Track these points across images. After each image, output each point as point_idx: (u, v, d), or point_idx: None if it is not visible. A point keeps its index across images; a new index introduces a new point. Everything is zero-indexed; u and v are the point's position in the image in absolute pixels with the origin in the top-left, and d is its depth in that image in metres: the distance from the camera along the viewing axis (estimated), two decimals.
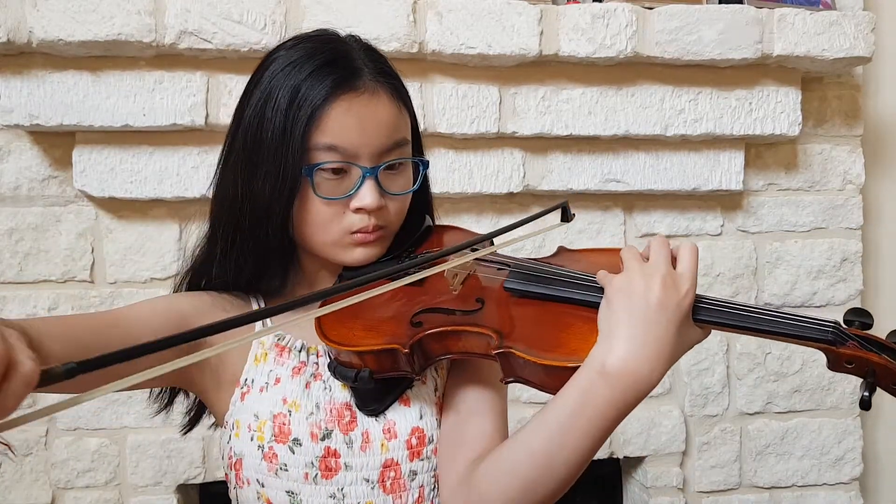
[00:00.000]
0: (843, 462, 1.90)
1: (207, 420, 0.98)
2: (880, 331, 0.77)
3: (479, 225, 1.73)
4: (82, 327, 0.76)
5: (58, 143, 1.62)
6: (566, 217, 0.94)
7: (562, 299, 0.79)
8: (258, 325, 0.87)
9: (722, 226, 1.85)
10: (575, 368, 0.72)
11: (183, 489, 1.69)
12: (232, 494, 0.89)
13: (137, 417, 1.65)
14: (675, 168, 1.77)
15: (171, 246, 1.65)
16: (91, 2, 1.47)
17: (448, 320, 0.80)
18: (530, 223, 0.87)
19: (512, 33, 1.59)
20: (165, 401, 0.95)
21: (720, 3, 1.75)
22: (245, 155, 0.83)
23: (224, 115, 1.57)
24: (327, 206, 0.83)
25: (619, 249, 0.85)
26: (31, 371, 0.49)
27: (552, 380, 0.74)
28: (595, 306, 0.77)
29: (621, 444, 1.82)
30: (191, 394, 0.95)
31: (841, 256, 1.89)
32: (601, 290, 0.77)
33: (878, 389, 0.73)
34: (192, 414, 0.97)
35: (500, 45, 1.59)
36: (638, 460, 1.87)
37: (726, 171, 1.79)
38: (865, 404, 0.70)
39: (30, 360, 0.49)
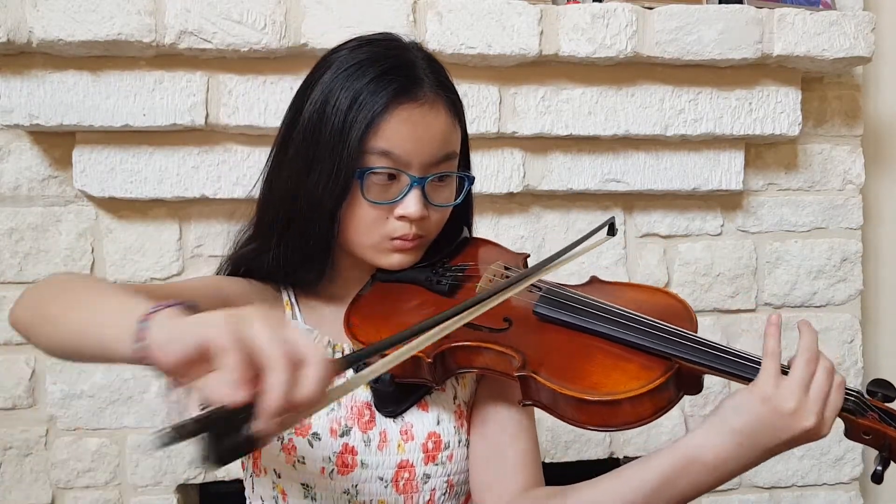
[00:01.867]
0: (843, 462, 1.90)
1: None
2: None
3: (479, 225, 1.71)
4: (185, 293, 0.79)
5: (58, 143, 1.62)
6: (612, 232, 0.95)
7: (588, 331, 0.80)
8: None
9: (722, 226, 1.85)
10: (593, 402, 0.72)
11: (183, 489, 1.69)
12: (247, 482, 0.90)
13: (137, 417, 1.65)
14: (675, 168, 1.77)
15: (171, 246, 1.65)
16: (91, 2, 1.47)
17: (474, 336, 0.80)
18: (578, 246, 0.88)
19: (512, 33, 1.59)
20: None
21: (720, 3, 1.75)
22: (303, 151, 0.85)
23: (224, 115, 1.57)
24: (373, 210, 0.84)
25: (651, 287, 0.88)
26: (325, 358, 0.54)
27: (568, 409, 0.74)
28: (622, 343, 0.77)
29: (621, 443, 1.82)
30: None
31: (841, 256, 1.89)
32: (635, 329, 0.77)
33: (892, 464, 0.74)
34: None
35: (500, 45, 1.59)
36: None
37: (726, 171, 1.79)
38: (878, 479, 0.71)
39: (316, 348, 0.54)
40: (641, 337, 0.77)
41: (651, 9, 1.66)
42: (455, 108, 0.88)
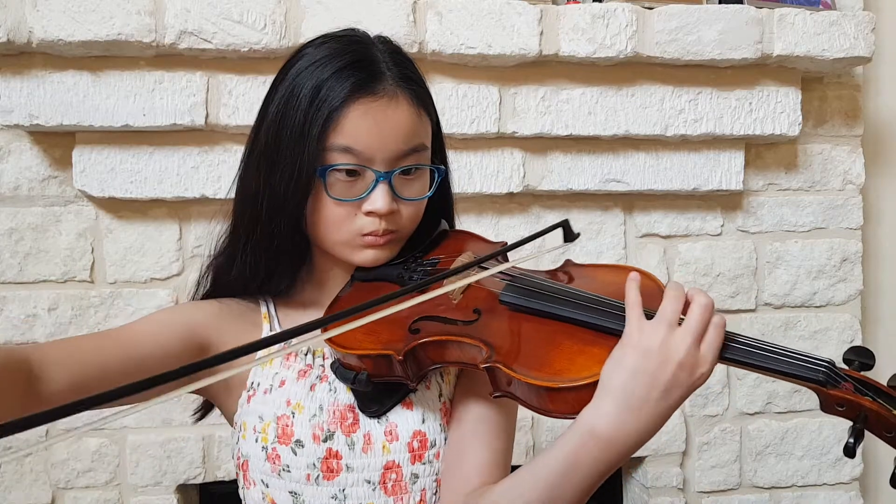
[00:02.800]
0: (843, 462, 1.90)
1: (212, 415, 0.99)
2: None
3: (479, 225, 1.73)
4: (86, 347, 0.76)
5: (58, 143, 1.62)
6: (569, 237, 0.90)
7: (555, 316, 0.78)
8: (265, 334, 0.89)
9: (722, 226, 1.85)
10: (558, 389, 0.71)
11: (183, 489, 1.69)
12: (241, 494, 0.90)
13: (137, 417, 1.65)
14: (675, 168, 1.77)
15: (171, 246, 1.65)
16: (91, 2, 1.47)
17: (444, 329, 0.79)
18: (533, 242, 0.85)
19: (512, 33, 1.59)
20: (201, 409, 0.98)
21: (720, 3, 1.75)
22: (266, 151, 0.84)
23: (224, 115, 1.57)
24: (339, 207, 0.83)
25: (627, 268, 0.84)
26: None
27: (537, 398, 0.73)
28: (588, 327, 0.75)
29: None
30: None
31: (841, 256, 1.89)
32: (601, 312, 0.75)
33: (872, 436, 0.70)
34: (201, 406, 0.99)
35: (500, 45, 1.59)
36: (638, 460, 1.87)
37: (726, 171, 1.79)
38: (849, 451, 0.66)
39: None
40: (607, 319, 0.75)
41: (651, 9, 1.66)
42: (420, 100, 0.86)
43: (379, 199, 0.82)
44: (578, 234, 0.89)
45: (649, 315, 0.72)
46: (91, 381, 0.73)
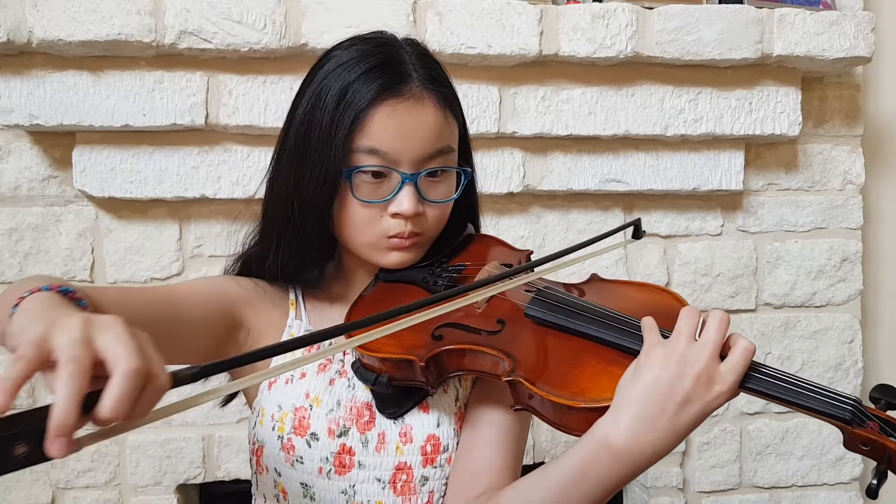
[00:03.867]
0: (843, 462, 1.90)
1: (212, 414, 0.99)
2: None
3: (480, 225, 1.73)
4: (140, 300, 0.79)
5: (58, 143, 1.62)
6: (637, 234, 0.92)
7: (580, 334, 0.78)
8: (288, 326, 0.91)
9: (722, 226, 1.85)
10: (580, 409, 0.71)
11: (183, 489, 1.69)
12: (253, 479, 0.91)
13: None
14: (675, 168, 1.77)
15: (171, 246, 1.65)
16: (91, 2, 1.47)
17: (467, 338, 0.79)
18: (594, 244, 0.86)
19: (512, 33, 1.59)
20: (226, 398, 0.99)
21: (720, 3, 1.75)
22: (295, 153, 0.85)
23: (224, 115, 1.57)
24: (365, 209, 0.84)
25: (653, 285, 0.85)
26: (166, 381, 0.51)
27: (557, 414, 0.73)
28: (613, 347, 0.75)
29: None
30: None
31: (841, 256, 1.89)
32: (626, 332, 0.75)
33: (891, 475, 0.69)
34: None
35: (500, 45, 1.59)
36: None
37: (726, 171, 1.79)
38: (872, 493, 0.65)
39: (163, 372, 0.51)
40: (631, 340, 0.75)
41: (651, 9, 1.66)
42: (447, 102, 0.86)
43: (405, 200, 0.82)
44: (644, 232, 0.89)
45: (666, 335, 0.71)
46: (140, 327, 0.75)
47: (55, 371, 0.47)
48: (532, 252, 0.96)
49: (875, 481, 0.65)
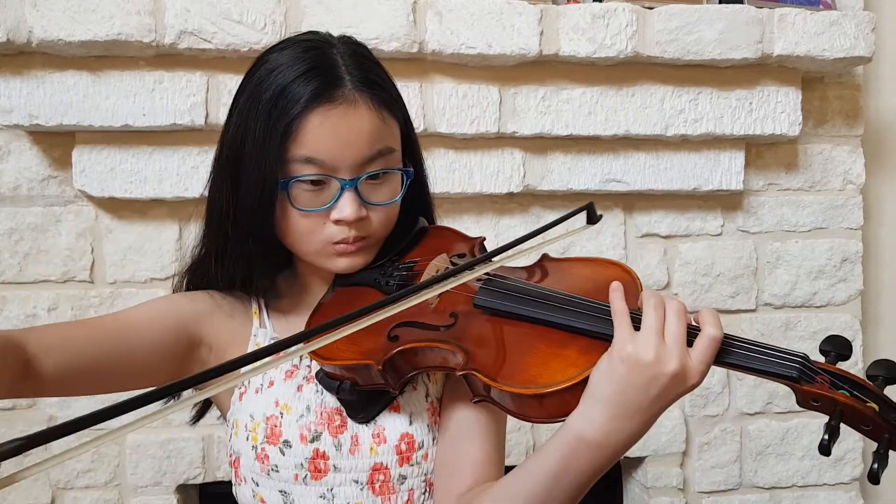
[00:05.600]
0: (843, 462, 1.90)
1: (212, 415, 0.99)
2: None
3: (479, 225, 1.73)
4: (81, 337, 0.77)
5: (58, 143, 1.62)
6: (592, 219, 0.89)
7: (529, 319, 0.76)
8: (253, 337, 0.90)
9: (722, 226, 1.85)
10: (533, 396, 0.70)
11: (183, 489, 1.69)
12: (234, 491, 0.90)
13: (137, 417, 1.64)
14: (675, 168, 1.77)
15: (171, 246, 1.65)
16: (91, 2, 1.47)
17: (423, 336, 0.78)
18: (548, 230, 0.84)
19: (512, 33, 1.59)
20: (199, 409, 0.97)
21: (720, 3, 1.75)
22: (230, 162, 0.83)
23: (224, 115, 1.56)
24: (306, 218, 0.82)
25: (602, 260, 0.83)
26: None
27: (514, 404, 0.72)
28: (562, 328, 0.74)
29: None
30: None
31: (841, 256, 1.89)
32: (574, 312, 0.74)
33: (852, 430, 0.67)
34: (198, 406, 0.99)
35: (500, 45, 1.59)
36: (638, 460, 1.87)
37: (726, 171, 1.78)
38: (824, 450, 0.64)
39: None
40: (579, 319, 0.73)
41: (651, 9, 1.66)
42: (384, 102, 0.83)
43: (346, 207, 0.81)
44: (601, 216, 0.87)
45: (635, 319, 0.70)
46: (83, 367, 0.75)
47: None
48: (484, 238, 0.94)
49: (826, 437, 0.64)
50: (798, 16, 1.69)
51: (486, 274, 0.83)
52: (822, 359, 0.72)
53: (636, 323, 0.70)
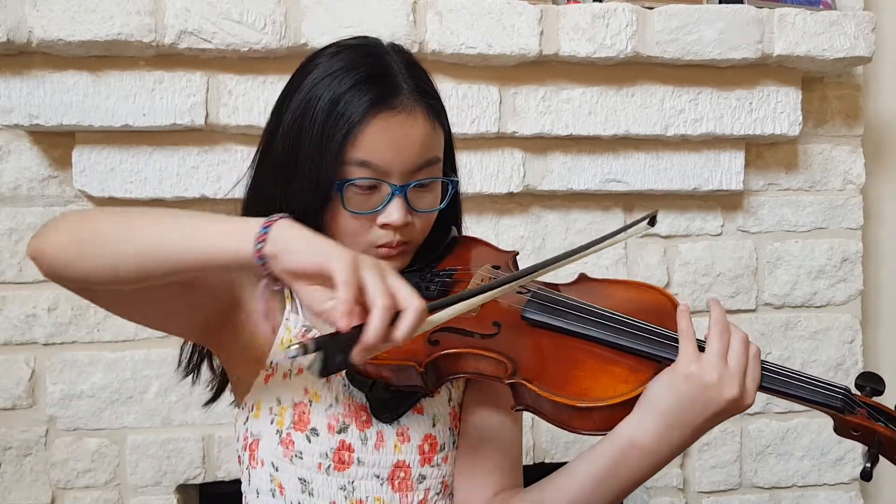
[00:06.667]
0: (843, 462, 1.90)
1: (212, 415, 0.99)
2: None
3: (479, 225, 1.73)
4: None
5: (58, 143, 1.62)
6: (652, 222, 0.96)
7: (576, 335, 0.80)
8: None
9: (722, 226, 1.85)
10: (583, 408, 0.73)
11: (183, 489, 1.69)
12: (244, 475, 0.91)
13: (137, 418, 1.65)
14: (675, 168, 1.77)
15: None
16: (91, 2, 1.47)
17: (464, 342, 0.80)
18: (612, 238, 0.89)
19: (512, 33, 1.59)
20: (195, 364, 0.97)
21: (720, 3, 1.75)
22: (283, 160, 0.85)
23: (224, 115, 1.57)
24: (355, 220, 0.84)
25: (641, 283, 0.87)
26: (424, 307, 0.65)
27: (560, 414, 0.75)
28: (609, 346, 0.77)
29: None
30: (215, 367, 0.97)
31: (841, 256, 1.89)
32: (623, 332, 0.77)
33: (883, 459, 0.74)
34: (214, 388, 0.99)
35: (500, 45, 1.59)
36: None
37: (726, 171, 1.79)
38: (867, 475, 0.71)
39: (417, 298, 0.64)
40: (629, 340, 0.77)
41: (651, 9, 1.66)
42: (435, 112, 0.87)
43: (395, 212, 0.83)
44: (656, 217, 0.94)
45: (701, 344, 0.75)
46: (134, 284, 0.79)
47: (366, 300, 0.63)
48: (517, 253, 0.98)
49: (869, 465, 0.71)
50: (798, 16, 1.69)
51: (530, 288, 0.86)
52: (857, 392, 0.77)
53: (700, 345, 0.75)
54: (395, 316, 0.63)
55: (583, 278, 0.93)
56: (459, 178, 0.96)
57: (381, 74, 0.83)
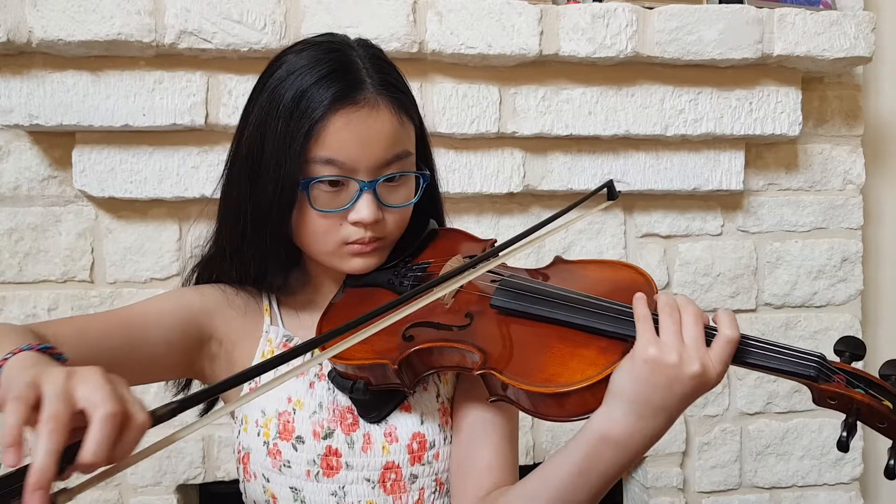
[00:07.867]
0: (843, 462, 1.90)
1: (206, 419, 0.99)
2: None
3: (479, 225, 1.73)
4: (94, 330, 0.79)
5: (58, 143, 1.62)
6: (612, 195, 0.92)
7: (546, 319, 0.77)
8: (266, 330, 0.90)
9: (722, 226, 1.85)
10: (553, 395, 0.71)
11: (183, 489, 1.69)
12: (241, 487, 0.90)
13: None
14: (675, 168, 1.77)
15: (171, 246, 1.65)
16: (91, 2, 1.47)
17: (438, 336, 0.79)
18: (570, 211, 0.85)
19: (512, 33, 1.59)
20: (182, 384, 0.97)
21: (720, 3, 1.75)
22: (249, 161, 0.84)
23: (224, 115, 1.57)
24: (324, 218, 0.83)
25: (616, 262, 0.85)
26: (145, 421, 0.58)
27: (532, 403, 0.73)
28: (579, 329, 0.75)
29: None
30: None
31: (841, 256, 1.89)
32: (591, 313, 0.75)
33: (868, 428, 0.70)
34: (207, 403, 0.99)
35: (500, 45, 1.59)
36: (638, 460, 1.87)
37: (726, 171, 1.79)
38: (843, 446, 0.66)
39: (142, 412, 0.57)
40: (598, 321, 0.75)
41: (651, 9, 1.66)
42: (402, 106, 0.84)
43: (364, 208, 0.82)
44: (620, 193, 0.88)
45: (656, 319, 0.72)
46: (96, 361, 0.75)
47: (37, 427, 0.52)
48: (496, 241, 0.95)
49: (845, 434, 0.66)
50: (798, 16, 1.69)
51: (502, 275, 0.84)
52: (836, 359, 0.73)
53: (657, 326, 0.72)
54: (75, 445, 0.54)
55: (557, 261, 0.90)
56: (436, 171, 0.94)
57: (344, 70, 0.81)
